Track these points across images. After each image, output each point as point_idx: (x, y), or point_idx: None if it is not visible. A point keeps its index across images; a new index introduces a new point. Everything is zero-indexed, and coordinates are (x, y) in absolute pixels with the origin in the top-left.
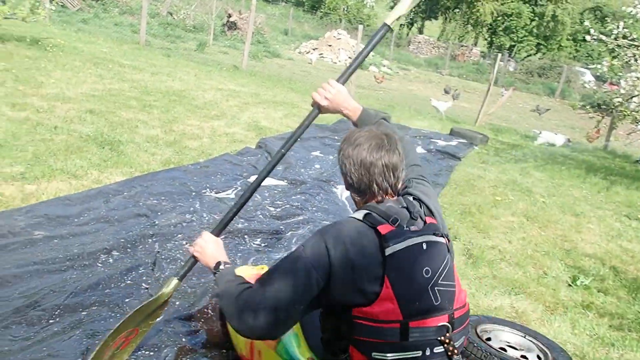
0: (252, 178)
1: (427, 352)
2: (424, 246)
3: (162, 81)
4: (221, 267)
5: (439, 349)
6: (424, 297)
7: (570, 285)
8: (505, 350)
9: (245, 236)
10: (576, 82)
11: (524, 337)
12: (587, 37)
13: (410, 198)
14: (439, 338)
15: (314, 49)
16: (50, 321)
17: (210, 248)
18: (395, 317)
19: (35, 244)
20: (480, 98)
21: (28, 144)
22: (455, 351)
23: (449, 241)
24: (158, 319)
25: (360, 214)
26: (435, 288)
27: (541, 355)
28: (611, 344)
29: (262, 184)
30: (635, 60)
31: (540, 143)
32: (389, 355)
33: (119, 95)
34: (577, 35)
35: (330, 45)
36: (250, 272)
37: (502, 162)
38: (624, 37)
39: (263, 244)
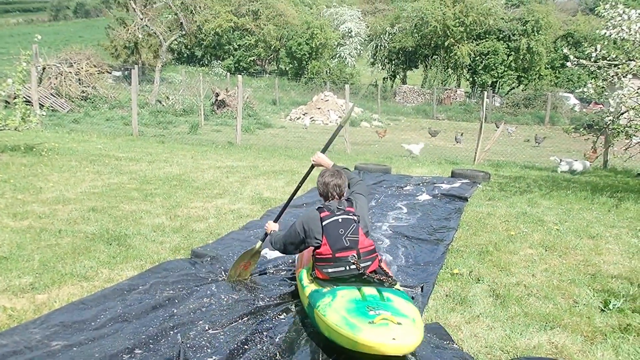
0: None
1: (346, 268)
2: (340, 220)
3: (160, 168)
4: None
5: (353, 267)
6: (340, 242)
7: (603, 310)
8: None
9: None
10: (562, 107)
11: None
12: (568, 64)
13: (345, 200)
14: (352, 261)
15: (304, 114)
16: None
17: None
18: (329, 252)
19: (55, 355)
20: (473, 137)
21: (34, 252)
22: (359, 266)
23: (357, 217)
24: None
25: (317, 206)
26: (346, 238)
27: None
28: None
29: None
30: (619, 78)
31: (563, 171)
32: (329, 270)
33: (119, 189)
34: (554, 62)
35: (319, 108)
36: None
37: (508, 196)
38: (604, 58)
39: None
